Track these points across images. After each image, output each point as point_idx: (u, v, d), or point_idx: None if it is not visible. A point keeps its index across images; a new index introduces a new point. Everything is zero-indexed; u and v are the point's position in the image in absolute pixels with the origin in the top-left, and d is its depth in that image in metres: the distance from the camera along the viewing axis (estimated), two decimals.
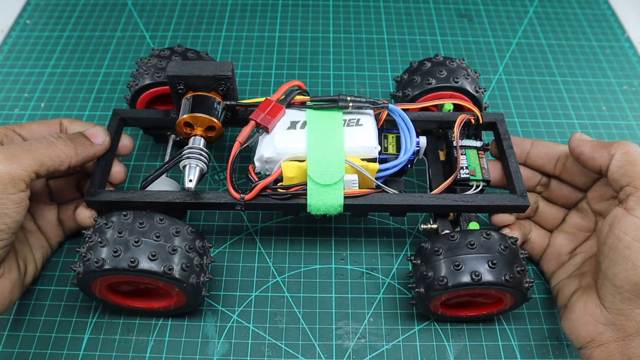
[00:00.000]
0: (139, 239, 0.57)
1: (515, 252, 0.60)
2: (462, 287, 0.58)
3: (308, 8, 1.11)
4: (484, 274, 0.57)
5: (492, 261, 0.57)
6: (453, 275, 0.58)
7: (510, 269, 0.58)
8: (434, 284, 0.59)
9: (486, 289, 0.59)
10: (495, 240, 0.60)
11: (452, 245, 0.60)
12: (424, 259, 0.61)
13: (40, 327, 0.67)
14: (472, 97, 0.74)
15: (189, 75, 0.64)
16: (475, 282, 0.57)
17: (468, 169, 0.66)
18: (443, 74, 0.73)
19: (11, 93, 0.93)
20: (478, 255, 0.58)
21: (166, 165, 0.64)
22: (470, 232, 0.61)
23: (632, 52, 1.04)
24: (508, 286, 0.58)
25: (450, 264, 0.58)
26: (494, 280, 0.57)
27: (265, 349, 0.66)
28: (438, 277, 0.58)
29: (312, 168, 0.60)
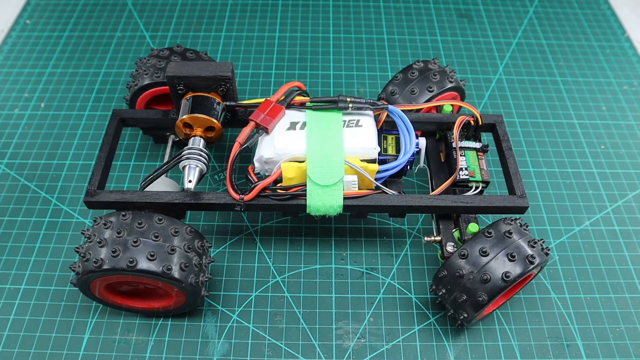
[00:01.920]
0: (138, 239, 0.57)
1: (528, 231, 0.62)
2: (520, 276, 0.58)
3: (308, 8, 1.11)
4: (536, 255, 0.59)
5: (533, 241, 0.60)
6: (513, 266, 0.59)
7: (539, 242, 0.61)
8: (498, 284, 0.59)
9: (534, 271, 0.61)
10: (517, 225, 0.62)
11: (494, 241, 0.60)
12: (469, 267, 0.60)
13: (40, 327, 0.67)
14: (454, 89, 0.74)
15: (188, 75, 0.64)
16: (534, 265, 0.59)
17: (467, 170, 0.66)
18: (415, 92, 0.73)
19: (11, 93, 0.93)
20: (518, 242, 0.60)
21: (166, 165, 0.64)
22: (497, 225, 0.62)
23: (632, 52, 1.04)
24: (545, 260, 0.60)
25: (505, 257, 0.59)
26: (544, 259, 0.59)
27: (265, 349, 0.66)
28: (503, 273, 0.58)
29: (311, 169, 0.60)
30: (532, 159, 0.86)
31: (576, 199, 0.81)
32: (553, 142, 0.88)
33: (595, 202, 0.81)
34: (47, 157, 0.83)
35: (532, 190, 0.82)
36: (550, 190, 0.82)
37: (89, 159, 0.83)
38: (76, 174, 0.82)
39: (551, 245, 0.76)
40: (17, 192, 0.79)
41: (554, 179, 0.83)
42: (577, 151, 0.87)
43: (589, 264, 0.74)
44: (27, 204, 0.78)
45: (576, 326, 0.69)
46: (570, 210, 0.80)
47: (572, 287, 0.72)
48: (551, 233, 0.77)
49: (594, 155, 0.86)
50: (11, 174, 0.81)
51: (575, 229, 0.78)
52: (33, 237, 0.75)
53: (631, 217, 0.79)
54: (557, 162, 0.85)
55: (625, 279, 0.73)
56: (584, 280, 0.73)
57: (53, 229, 0.75)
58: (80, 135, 0.87)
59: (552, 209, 0.80)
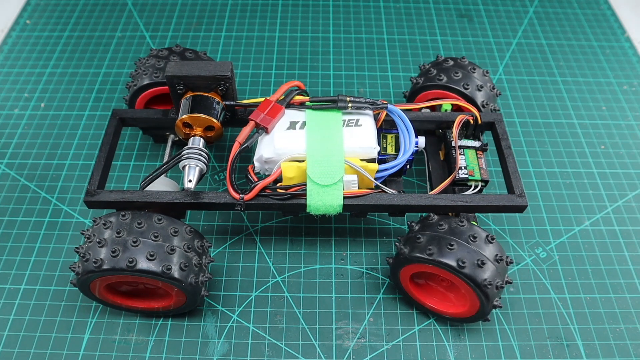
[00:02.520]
0: (137, 239, 0.57)
1: (504, 269, 0.62)
2: (443, 266, 0.59)
3: (308, 8, 1.11)
4: (468, 266, 0.59)
5: (482, 261, 0.59)
6: (442, 252, 0.59)
7: (494, 277, 0.60)
8: (420, 250, 0.60)
9: (461, 279, 0.60)
10: (493, 248, 0.61)
11: (457, 230, 0.61)
12: (425, 226, 0.63)
13: (40, 327, 0.67)
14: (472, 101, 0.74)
15: (188, 75, 0.64)
16: (457, 269, 0.59)
17: (467, 169, 0.66)
18: (459, 75, 0.74)
19: (11, 93, 0.93)
20: (473, 249, 0.60)
21: (166, 165, 0.64)
22: (475, 228, 0.62)
23: (632, 52, 1.04)
24: (480, 289, 0.60)
25: (446, 242, 0.60)
26: (471, 276, 0.59)
27: (265, 349, 0.66)
28: (426, 246, 0.60)
29: (311, 168, 0.60)
30: (532, 158, 0.85)
31: (576, 199, 0.81)
32: (553, 142, 0.88)
33: (595, 202, 0.81)
34: (47, 157, 0.83)
35: (532, 190, 0.81)
36: (550, 190, 0.82)
37: (89, 159, 0.83)
38: (76, 174, 0.82)
39: (551, 245, 0.76)
40: (17, 192, 0.79)
41: (554, 179, 0.83)
42: (577, 151, 0.87)
43: (589, 264, 0.74)
44: (27, 204, 0.78)
45: (576, 326, 0.69)
46: (570, 210, 0.80)
47: (572, 287, 0.72)
48: (551, 233, 0.77)
49: (594, 155, 0.86)
50: (11, 174, 0.81)
51: (575, 229, 0.78)
52: (33, 237, 0.75)
53: (631, 217, 0.79)
54: (557, 162, 0.85)
55: (625, 279, 0.73)
56: (584, 280, 0.73)
57: (53, 229, 0.75)
58: (80, 135, 0.87)
59: (552, 209, 0.80)
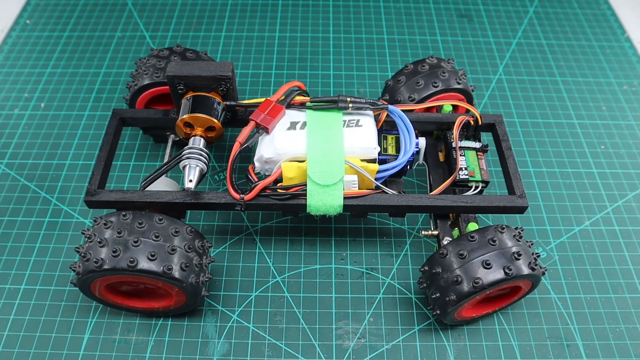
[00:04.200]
0: (138, 239, 0.57)
1: (524, 241, 0.62)
2: (496, 284, 0.58)
3: (308, 8, 1.11)
4: (514, 267, 0.58)
5: (517, 253, 0.58)
6: (485, 274, 0.58)
7: (530, 256, 0.59)
8: (467, 287, 0.58)
9: (517, 281, 0.60)
10: (509, 233, 0.61)
11: (475, 246, 0.60)
12: (445, 266, 0.60)
13: (40, 327, 0.67)
14: (459, 90, 0.74)
15: (189, 75, 0.64)
16: (509, 277, 0.58)
17: (467, 170, 0.66)
18: (420, 84, 0.73)
19: (11, 93, 0.93)
20: (502, 250, 0.59)
21: (166, 165, 0.64)
22: (485, 230, 0.61)
23: (632, 52, 1.04)
24: (534, 275, 0.59)
25: (479, 264, 0.58)
26: (522, 272, 0.58)
27: (265, 349, 0.66)
28: (472, 280, 0.58)
29: (311, 168, 0.60)
30: (532, 159, 0.86)
31: (576, 199, 0.81)
32: (553, 142, 0.88)
33: (595, 202, 0.81)
34: (47, 157, 0.83)
35: (532, 190, 0.82)
36: (550, 190, 0.82)
37: (89, 159, 0.83)
38: (76, 174, 0.82)
39: (551, 245, 0.76)
40: (17, 192, 0.79)
41: (554, 179, 0.83)
42: (577, 151, 0.87)
43: (589, 264, 0.74)
44: (27, 204, 0.78)
45: (576, 326, 0.69)
46: (570, 210, 0.80)
47: (572, 287, 0.72)
48: (551, 233, 0.77)
49: (594, 155, 0.86)
50: (11, 174, 0.81)
51: (575, 229, 0.78)
52: (33, 237, 0.75)
53: (631, 217, 0.79)
54: (557, 162, 0.85)
55: (625, 279, 0.73)
56: (584, 280, 0.73)
57: (53, 229, 0.75)
58: (80, 135, 0.87)
59: (552, 209, 0.80)
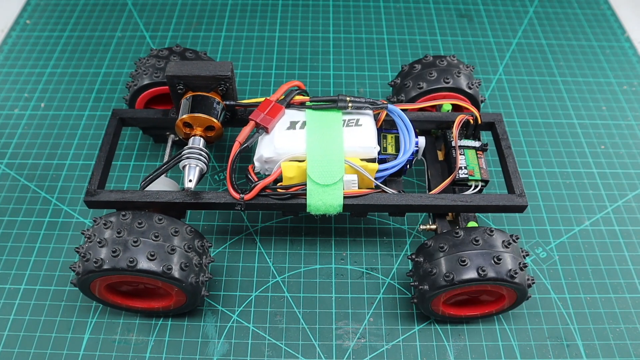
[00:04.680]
0: (138, 239, 0.57)
1: (517, 249, 0.61)
2: (467, 282, 0.58)
3: (308, 8, 1.11)
4: (489, 269, 0.57)
5: (497, 257, 0.58)
6: (458, 271, 0.58)
7: (514, 264, 0.58)
8: (439, 280, 0.59)
9: (490, 285, 0.59)
10: (498, 237, 0.60)
11: (457, 242, 0.60)
12: (427, 257, 0.62)
13: (40, 327, 0.67)
14: (467, 95, 0.74)
15: (188, 75, 0.64)
16: (482, 278, 0.57)
17: (467, 169, 0.66)
18: (433, 75, 0.73)
19: (11, 93, 0.93)
20: (483, 251, 0.59)
21: (166, 165, 0.64)
22: (474, 229, 0.61)
23: (632, 52, 1.04)
24: (511, 282, 0.58)
25: (455, 260, 0.59)
26: (498, 277, 0.57)
27: (265, 349, 0.66)
28: (443, 274, 0.59)
29: (311, 168, 0.60)
30: (532, 158, 0.86)
31: (576, 199, 0.81)
32: (553, 142, 0.88)
33: (595, 202, 0.81)
34: (47, 157, 0.83)
35: (532, 190, 0.81)
36: (550, 190, 0.82)
37: (89, 159, 0.83)
38: (76, 174, 0.82)
39: (551, 245, 0.76)
40: (17, 192, 0.79)
41: (554, 179, 0.83)
42: (577, 151, 0.87)
43: (589, 264, 0.74)
44: (27, 204, 0.78)
45: (576, 326, 0.69)
46: (570, 210, 0.80)
47: (572, 287, 0.72)
48: (551, 233, 0.77)
49: (594, 155, 0.86)
50: (11, 174, 0.81)
51: (575, 229, 0.78)
52: (33, 237, 0.75)
53: (631, 217, 0.79)
54: (557, 162, 0.85)
55: (625, 279, 0.73)
56: (584, 280, 0.73)
57: (53, 229, 0.75)
58: (80, 135, 0.87)
59: (552, 209, 0.80)
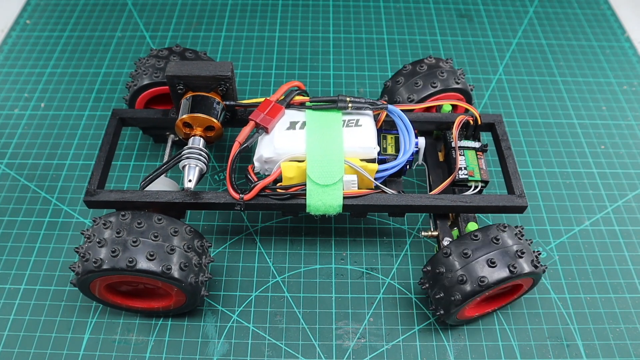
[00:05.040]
0: (137, 239, 0.57)
1: (525, 239, 0.62)
2: (502, 282, 0.58)
3: (308, 8, 1.11)
4: (518, 264, 0.58)
5: (521, 251, 0.59)
6: (491, 272, 0.58)
7: (532, 254, 0.60)
8: (473, 287, 0.58)
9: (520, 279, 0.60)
10: (510, 232, 0.61)
11: (479, 245, 0.60)
12: (449, 266, 0.60)
13: (40, 327, 0.67)
14: (457, 90, 0.74)
15: (188, 75, 0.64)
16: (514, 275, 0.58)
17: (467, 170, 0.66)
18: (419, 84, 0.74)
19: (11, 93, 0.93)
20: (506, 249, 0.59)
21: (165, 165, 0.64)
22: (487, 229, 0.61)
23: (632, 52, 1.04)
24: (536, 272, 0.59)
25: (484, 263, 0.58)
26: (528, 270, 0.58)
27: (265, 349, 0.66)
28: (477, 278, 0.58)
29: (311, 168, 0.60)
30: (532, 159, 0.85)
31: (576, 199, 0.81)
32: (553, 142, 0.88)
33: (595, 202, 0.81)
34: (47, 157, 0.83)
35: (532, 190, 0.81)
36: (550, 190, 0.82)
37: (89, 159, 0.83)
38: (76, 174, 0.82)
39: (551, 245, 0.76)
40: (17, 192, 0.79)
41: (554, 179, 0.83)
42: (577, 151, 0.87)
43: (589, 264, 0.74)
44: (27, 204, 0.78)
45: (576, 326, 0.69)
46: (570, 210, 0.80)
47: (572, 287, 0.72)
48: (551, 233, 0.77)
49: (594, 155, 0.86)
50: (11, 174, 0.81)
51: (575, 229, 0.78)
52: (33, 237, 0.75)
53: (631, 217, 0.79)
54: (557, 162, 0.85)
55: (625, 279, 0.73)
56: (584, 280, 0.73)
57: (53, 229, 0.75)
58: (80, 135, 0.87)
59: (552, 209, 0.80)
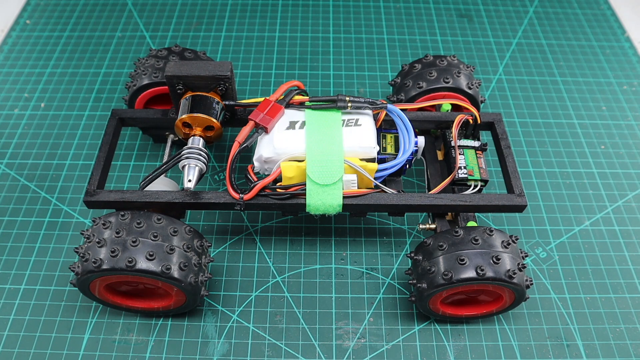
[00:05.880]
0: (137, 239, 0.57)
1: (516, 250, 0.60)
2: (466, 282, 0.58)
3: (308, 8, 1.11)
4: (488, 269, 0.57)
5: (496, 257, 0.58)
6: (457, 270, 0.58)
7: (513, 265, 0.58)
8: (437, 279, 0.59)
9: (490, 285, 0.59)
10: (497, 237, 0.60)
11: (456, 240, 0.60)
12: (426, 255, 0.62)
13: (40, 327, 0.67)
14: (467, 95, 0.74)
15: (187, 75, 0.64)
16: (480, 277, 0.57)
17: (466, 169, 0.66)
18: (433, 75, 0.73)
19: (11, 93, 0.93)
20: (482, 251, 0.59)
21: (165, 165, 0.64)
22: (473, 229, 0.61)
23: (632, 52, 1.04)
24: (510, 282, 0.58)
25: (454, 259, 0.59)
26: (496, 276, 0.57)
27: (265, 349, 0.66)
28: (442, 272, 0.59)
29: (311, 168, 0.60)
30: (532, 159, 0.85)
31: (576, 199, 0.81)
32: (553, 142, 0.88)
33: (595, 202, 0.81)
34: (47, 157, 0.83)
35: (532, 190, 0.81)
36: (550, 190, 0.82)
37: (89, 159, 0.83)
38: (76, 174, 0.82)
39: (551, 245, 0.76)
40: (17, 192, 0.79)
41: (554, 179, 0.83)
42: (577, 151, 0.87)
43: (589, 264, 0.74)
44: (27, 204, 0.78)
45: (576, 326, 0.69)
46: (570, 210, 0.80)
47: (572, 287, 0.72)
48: (551, 233, 0.77)
49: (594, 155, 0.86)
50: (11, 174, 0.81)
51: (575, 229, 0.78)
52: (33, 237, 0.75)
53: (631, 217, 0.79)
54: (557, 162, 0.85)
55: (625, 279, 0.73)
56: (584, 280, 0.73)
57: (53, 229, 0.75)
58: (80, 135, 0.87)
59: (552, 209, 0.80)
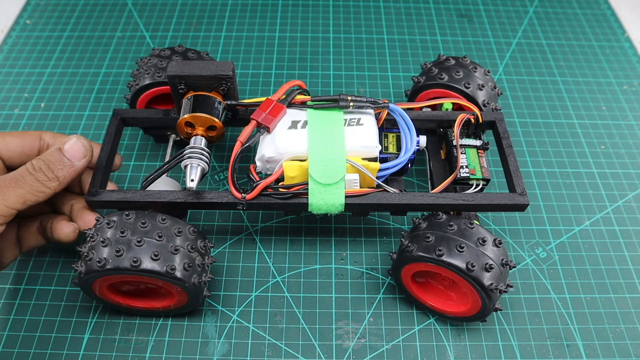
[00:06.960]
0: (142, 239, 0.57)
1: (494, 251, 0.61)
2: (423, 260, 0.60)
3: (308, 8, 1.11)
4: (446, 254, 0.59)
5: (460, 246, 0.59)
6: (421, 246, 0.61)
7: (478, 260, 0.60)
8: (411, 250, 0.61)
9: (443, 268, 0.60)
10: (476, 232, 0.62)
11: (436, 223, 0.62)
12: (412, 231, 0.64)
13: (40, 327, 0.67)
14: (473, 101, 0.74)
15: (189, 75, 0.64)
16: (436, 258, 0.59)
17: (468, 168, 0.67)
18: (460, 74, 0.75)
19: (11, 93, 0.93)
20: (451, 237, 0.61)
21: (167, 165, 0.64)
22: (456, 218, 0.63)
23: (632, 52, 1.04)
24: (467, 274, 0.59)
25: (422, 237, 0.61)
26: (456, 264, 0.59)
27: (265, 349, 0.66)
28: (411, 247, 0.61)
29: (313, 167, 0.60)
30: (532, 158, 0.86)
31: (576, 199, 0.81)
32: (553, 142, 0.88)
33: (595, 202, 0.81)
34: None
35: (532, 190, 0.82)
36: (550, 190, 0.82)
37: None
38: None
39: (551, 245, 0.76)
40: None
41: (554, 179, 0.83)
42: (577, 151, 0.87)
43: (589, 264, 0.74)
44: None
45: (576, 326, 0.69)
46: (570, 210, 0.80)
47: (572, 287, 0.72)
48: (551, 233, 0.77)
49: (594, 155, 0.86)
50: None
51: (575, 229, 0.78)
52: None
53: (631, 217, 0.79)
54: (557, 162, 0.85)
55: (625, 279, 0.73)
56: (584, 280, 0.73)
57: None
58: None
59: (552, 209, 0.80)
